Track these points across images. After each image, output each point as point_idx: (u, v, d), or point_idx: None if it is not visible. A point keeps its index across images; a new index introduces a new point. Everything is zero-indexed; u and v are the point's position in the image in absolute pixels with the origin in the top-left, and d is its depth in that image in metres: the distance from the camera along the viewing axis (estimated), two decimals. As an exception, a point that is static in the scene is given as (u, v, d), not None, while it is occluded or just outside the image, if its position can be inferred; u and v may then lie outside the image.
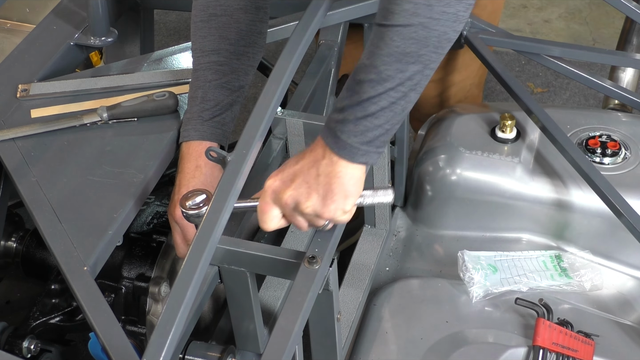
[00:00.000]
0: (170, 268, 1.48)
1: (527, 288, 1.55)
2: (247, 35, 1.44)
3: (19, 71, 1.60)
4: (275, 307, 1.47)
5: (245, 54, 1.45)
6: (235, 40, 1.43)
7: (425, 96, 2.09)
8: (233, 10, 1.43)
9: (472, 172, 1.68)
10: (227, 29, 1.43)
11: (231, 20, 1.43)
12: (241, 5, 1.43)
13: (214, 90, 1.42)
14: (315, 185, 1.16)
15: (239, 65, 1.44)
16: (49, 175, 1.38)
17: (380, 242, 1.70)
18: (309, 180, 1.16)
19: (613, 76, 2.21)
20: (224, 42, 1.43)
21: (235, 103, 1.44)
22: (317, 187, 1.16)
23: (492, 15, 2.02)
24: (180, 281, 1.08)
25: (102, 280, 1.46)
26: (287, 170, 1.18)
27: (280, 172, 1.19)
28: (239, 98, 1.45)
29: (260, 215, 1.20)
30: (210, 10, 1.43)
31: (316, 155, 1.16)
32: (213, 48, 1.43)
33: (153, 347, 1.03)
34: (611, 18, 3.58)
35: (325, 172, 1.15)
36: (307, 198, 1.16)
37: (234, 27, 1.43)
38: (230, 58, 1.43)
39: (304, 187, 1.16)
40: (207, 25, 1.44)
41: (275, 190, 1.18)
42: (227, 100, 1.43)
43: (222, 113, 1.43)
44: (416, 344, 1.47)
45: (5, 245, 1.59)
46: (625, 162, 1.67)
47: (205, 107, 1.42)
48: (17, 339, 1.42)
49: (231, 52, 1.43)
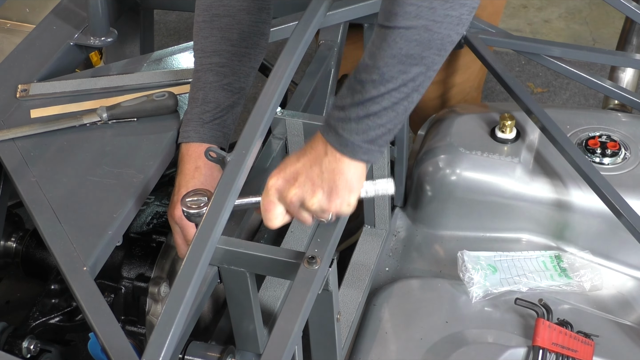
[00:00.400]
0: (170, 268, 1.48)
1: (526, 288, 1.55)
2: (249, 37, 1.44)
3: (19, 71, 1.60)
4: (275, 307, 1.47)
5: (247, 55, 1.45)
6: (237, 41, 1.43)
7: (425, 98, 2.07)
8: (236, 11, 1.43)
9: (472, 172, 1.68)
10: (229, 30, 1.43)
11: (233, 22, 1.43)
12: (244, 6, 1.43)
13: (215, 92, 1.42)
14: (320, 182, 1.16)
15: (240, 67, 1.44)
16: (48, 175, 1.38)
17: (380, 242, 1.70)
18: (312, 178, 1.17)
19: (613, 76, 2.21)
20: (225, 43, 1.43)
21: (236, 105, 1.44)
22: (321, 184, 1.16)
23: (492, 17, 2.02)
24: (179, 281, 1.08)
25: (102, 281, 1.46)
26: (289, 169, 1.18)
27: (282, 171, 1.19)
28: (240, 100, 1.44)
29: (265, 214, 1.21)
30: (213, 11, 1.43)
31: (318, 152, 1.16)
32: (214, 49, 1.43)
33: (152, 347, 1.03)
34: (611, 18, 3.58)
35: (329, 168, 1.16)
36: (312, 195, 1.17)
37: (236, 28, 1.43)
38: (232, 59, 1.43)
39: (309, 184, 1.17)
40: (210, 26, 1.44)
41: (279, 189, 1.19)
42: (227, 102, 1.43)
43: (223, 115, 1.42)
44: (416, 344, 1.47)
45: (5, 245, 1.59)
46: (625, 163, 1.67)
47: (206, 109, 1.41)
48: (17, 339, 1.42)
49: (232, 53, 1.43)
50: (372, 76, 1.11)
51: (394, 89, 1.11)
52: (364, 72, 1.12)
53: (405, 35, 1.08)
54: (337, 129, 1.14)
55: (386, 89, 1.11)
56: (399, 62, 1.10)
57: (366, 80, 1.11)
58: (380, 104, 1.12)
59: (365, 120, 1.13)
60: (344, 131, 1.14)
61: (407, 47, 1.09)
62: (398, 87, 1.11)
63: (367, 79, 1.11)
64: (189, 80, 1.54)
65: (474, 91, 2.15)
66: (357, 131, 1.13)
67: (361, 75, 1.12)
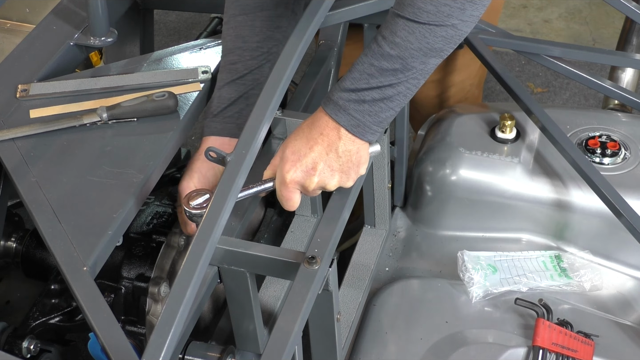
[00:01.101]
0: (169, 268, 1.48)
1: (526, 288, 1.55)
2: (262, 31, 1.48)
3: (19, 71, 1.60)
4: (275, 307, 1.47)
5: (259, 49, 1.48)
6: (248, 36, 1.48)
7: (425, 96, 2.10)
8: (250, 9, 1.49)
9: (471, 172, 1.68)
10: (241, 28, 1.48)
11: (247, 19, 1.49)
12: (258, 3, 1.48)
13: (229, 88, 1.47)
14: (338, 165, 1.25)
15: (252, 62, 1.48)
16: (48, 175, 1.37)
17: (380, 242, 1.70)
18: (330, 164, 1.24)
19: (613, 76, 2.21)
20: (238, 40, 1.48)
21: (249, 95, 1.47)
22: (339, 167, 1.25)
23: (491, 15, 2.01)
24: (179, 281, 1.08)
25: (102, 281, 1.46)
26: (304, 160, 1.23)
27: (298, 162, 1.23)
28: (253, 90, 1.48)
29: (286, 202, 1.27)
30: (230, 12, 1.50)
31: (331, 139, 1.23)
32: (229, 48, 1.49)
33: (152, 347, 1.03)
34: (611, 18, 3.58)
35: (345, 151, 1.24)
36: (331, 178, 1.25)
37: (248, 24, 1.48)
38: (243, 55, 1.48)
39: (327, 170, 1.24)
40: (227, 27, 1.51)
41: (299, 182, 1.25)
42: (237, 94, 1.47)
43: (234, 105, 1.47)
44: (416, 344, 1.47)
45: (5, 245, 1.59)
46: (625, 163, 1.67)
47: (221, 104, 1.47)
48: (16, 339, 1.42)
49: (244, 49, 1.48)
50: (395, 65, 1.18)
51: (411, 77, 1.19)
52: (384, 61, 1.18)
53: (435, 31, 1.16)
54: (349, 110, 1.21)
55: (405, 77, 1.19)
56: (423, 55, 1.18)
57: (387, 68, 1.18)
58: (396, 89, 1.20)
59: (379, 103, 1.20)
60: (356, 112, 1.21)
61: (434, 42, 1.17)
62: (416, 75, 1.19)
63: (388, 67, 1.18)
64: (189, 80, 1.55)
65: (474, 89, 2.15)
66: (370, 113, 1.21)
67: (381, 62, 1.18)
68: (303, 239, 1.63)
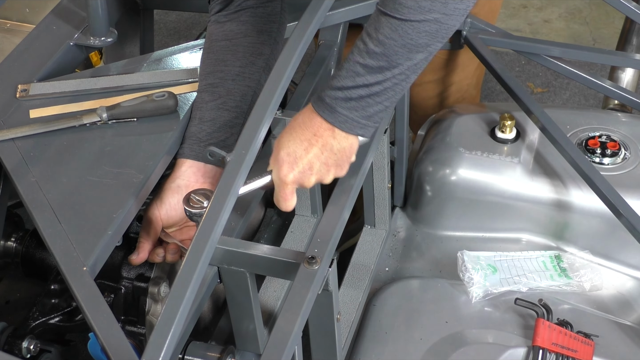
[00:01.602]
0: (170, 268, 1.48)
1: (526, 288, 1.55)
2: (244, 56, 1.49)
3: (19, 71, 1.60)
4: (275, 307, 1.47)
5: (241, 74, 1.48)
6: (230, 61, 1.49)
7: (423, 96, 2.10)
8: (233, 35, 1.50)
9: (471, 172, 1.68)
10: (223, 53, 1.50)
11: (229, 44, 1.50)
12: (242, 30, 1.50)
13: (211, 111, 1.46)
14: (333, 161, 1.27)
15: (233, 86, 1.47)
16: (48, 175, 1.37)
17: (380, 242, 1.70)
18: (326, 162, 1.26)
19: (613, 76, 2.21)
20: (219, 64, 1.49)
21: (234, 124, 1.45)
22: (334, 162, 1.27)
23: (489, 14, 2.02)
24: (179, 281, 1.08)
25: (102, 281, 1.46)
26: (300, 162, 1.24)
27: (294, 164, 1.24)
28: (236, 119, 1.46)
29: (283, 203, 1.28)
30: (213, 37, 1.52)
31: (325, 139, 1.24)
32: (209, 71, 1.49)
33: (152, 347, 1.03)
34: (611, 18, 3.58)
35: (339, 149, 1.25)
36: (327, 174, 1.28)
37: (230, 50, 1.50)
38: (225, 79, 1.47)
39: (324, 168, 1.26)
40: (208, 51, 1.52)
41: (298, 181, 1.26)
42: (223, 120, 1.45)
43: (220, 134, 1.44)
44: (416, 344, 1.47)
45: (5, 245, 1.58)
46: (625, 163, 1.67)
47: (203, 127, 1.45)
48: (16, 339, 1.42)
49: (225, 72, 1.48)
50: (380, 63, 1.18)
51: (398, 74, 1.19)
52: (369, 58, 1.18)
53: (418, 27, 1.15)
54: (337, 108, 1.22)
55: (392, 73, 1.19)
56: (408, 51, 1.17)
57: (372, 66, 1.18)
58: (383, 85, 1.20)
59: (366, 99, 1.21)
60: (344, 109, 1.22)
61: (417, 38, 1.16)
62: (403, 71, 1.19)
63: (373, 65, 1.18)
64: (189, 80, 1.55)
65: (472, 89, 2.15)
66: (357, 108, 1.22)
67: (366, 60, 1.18)
68: (303, 239, 1.63)
